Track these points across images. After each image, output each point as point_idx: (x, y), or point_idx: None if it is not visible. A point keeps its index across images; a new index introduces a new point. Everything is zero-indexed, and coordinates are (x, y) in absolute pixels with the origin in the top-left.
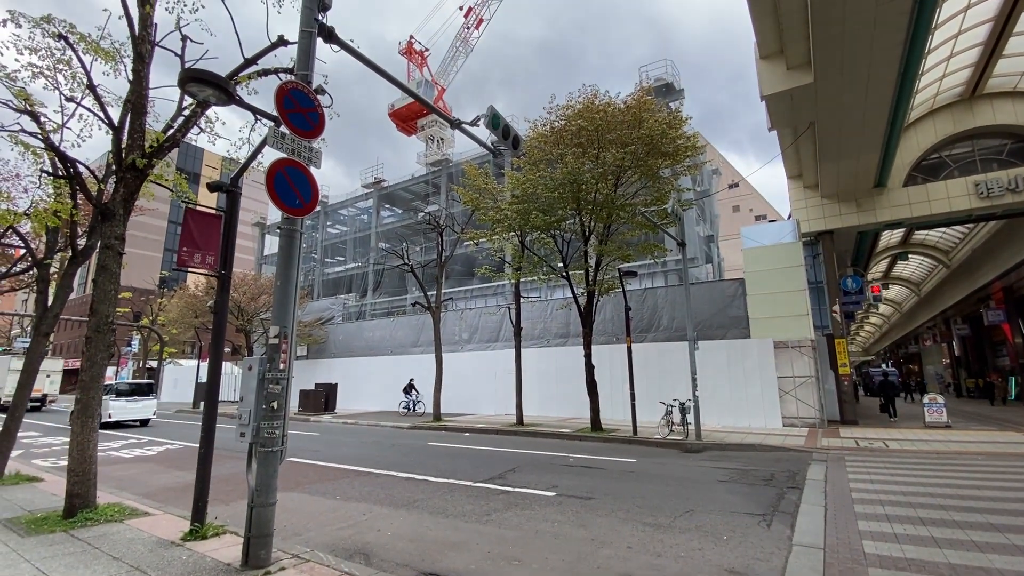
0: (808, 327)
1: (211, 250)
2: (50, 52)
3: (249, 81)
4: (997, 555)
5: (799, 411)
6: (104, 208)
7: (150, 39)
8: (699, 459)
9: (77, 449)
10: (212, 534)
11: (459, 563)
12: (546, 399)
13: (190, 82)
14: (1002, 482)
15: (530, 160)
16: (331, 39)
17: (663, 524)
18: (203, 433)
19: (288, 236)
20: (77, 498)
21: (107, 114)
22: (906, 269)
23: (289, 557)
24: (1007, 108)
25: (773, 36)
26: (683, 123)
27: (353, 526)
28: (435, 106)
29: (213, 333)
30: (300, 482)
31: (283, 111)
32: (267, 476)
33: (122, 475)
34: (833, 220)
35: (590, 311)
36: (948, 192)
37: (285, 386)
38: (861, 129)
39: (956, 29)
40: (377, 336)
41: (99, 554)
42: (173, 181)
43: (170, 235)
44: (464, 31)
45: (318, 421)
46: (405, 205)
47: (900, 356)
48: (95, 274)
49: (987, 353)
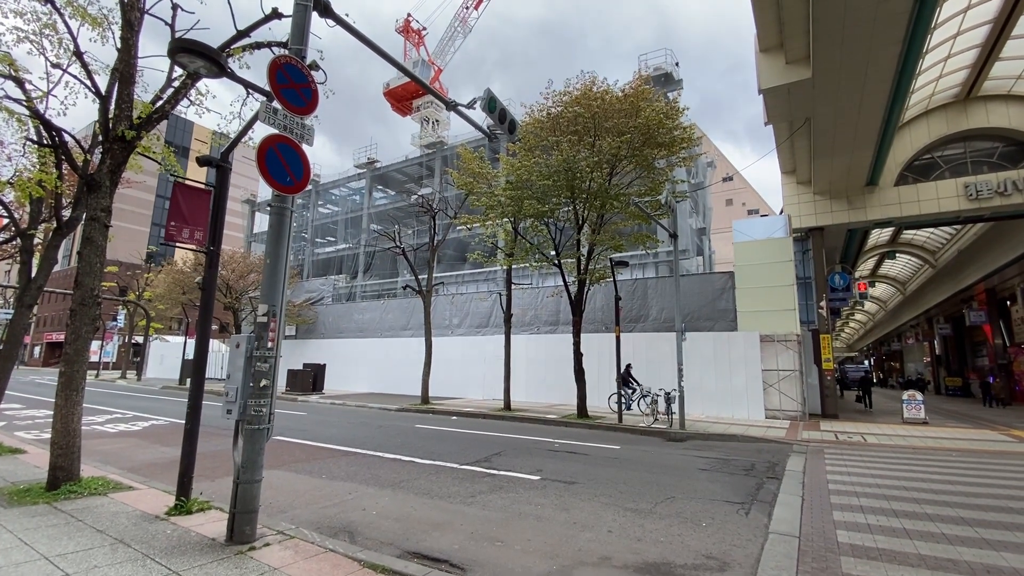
0: (794, 322)
1: (200, 226)
2: (36, 16)
3: (242, 54)
4: (965, 548)
5: (782, 404)
6: (90, 179)
7: (140, 6)
8: (682, 448)
9: (61, 422)
10: (197, 509)
11: (443, 542)
12: (534, 385)
13: (180, 52)
14: (974, 478)
15: (525, 146)
16: (327, 13)
17: (644, 510)
18: (189, 409)
19: (278, 214)
20: (61, 471)
21: (94, 82)
22: (893, 268)
23: (274, 533)
24: (1001, 111)
25: (773, 30)
26: (680, 114)
27: (338, 505)
28: (431, 87)
29: (201, 310)
30: (286, 460)
31: (276, 86)
32: (253, 453)
33: (107, 449)
34: (824, 217)
35: (581, 300)
36: (938, 193)
37: (273, 365)
38: (856, 126)
39: (955, 30)
40: (367, 318)
41: (82, 526)
42: (162, 154)
43: (158, 209)
44: (463, 11)
45: (306, 401)
46: (398, 187)
47: (883, 353)
48: (80, 246)
49: (967, 353)
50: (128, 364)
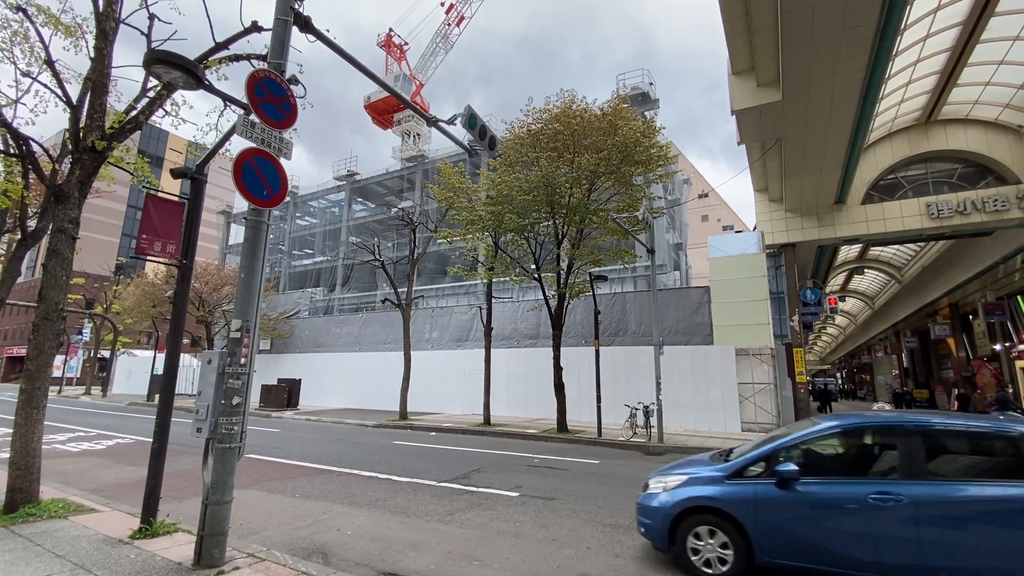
0: (769, 336)
1: (172, 238)
2: (7, 23)
3: (219, 66)
4: None
5: (757, 416)
6: (58, 190)
7: (115, 16)
8: (661, 461)
9: (20, 441)
10: (163, 532)
11: (420, 563)
12: (514, 399)
13: (156, 63)
14: None
15: (506, 161)
16: (307, 28)
17: (623, 525)
18: (157, 427)
19: (254, 228)
20: (19, 492)
21: (65, 92)
22: (862, 283)
23: (244, 556)
24: (959, 134)
25: (745, 53)
26: (657, 132)
27: (312, 525)
28: (412, 102)
29: (172, 324)
30: (258, 479)
31: (254, 100)
32: (224, 473)
33: (68, 469)
34: (795, 233)
35: (560, 314)
36: (902, 212)
37: (246, 382)
38: (824, 147)
39: (916, 56)
40: (345, 332)
41: (41, 551)
42: (134, 164)
43: (129, 220)
44: (445, 27)
45: (280, 417)
46: (378, 200)
47: (854, 366)
48: (45, 258)
49: (933, 365)
50: (93, 379)
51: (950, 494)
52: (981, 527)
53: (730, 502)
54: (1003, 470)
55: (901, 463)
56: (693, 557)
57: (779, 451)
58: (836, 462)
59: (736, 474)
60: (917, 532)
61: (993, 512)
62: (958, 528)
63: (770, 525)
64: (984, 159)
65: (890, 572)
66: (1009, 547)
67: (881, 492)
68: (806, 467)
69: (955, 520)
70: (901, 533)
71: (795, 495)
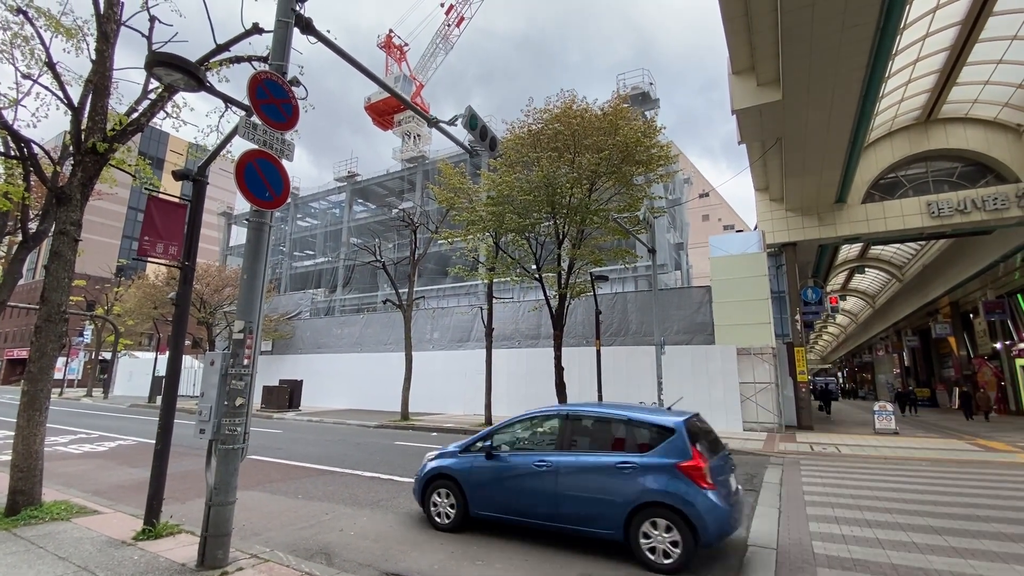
0: (770, 335)
1: (174, 240)
2: (7, 26)
3: (220, 68)
4: (936, 556)
5: (759, 416)
6: (60, 192)
7: (116, 18)
8: None
9: (22, 443)
10: (166, 533)
11: (422, 563)
12: (515, 400)
13: (157, 66)
14: (943, 487)
15: (506, 162)
16: (308, 30)
17: None
18: (160, 428)
19: (256, 229)
20: (21, 495)
21: (66, 94)
22: (863, 282)
23: (247, 557)
24: (959, 133)
25: (745, 53)
26: (657, 132)
27: (315, 525)
28: (413, 103)
29: (174, 326)
30: (261, 480)
31: (256, 101)
32: (227, 474)
33: (71, 471)
34: (796, 232)
35: (561, 314)
36: (902, 210)
37: (249, 383)
38: (824, 147)
39: (915, 56)
40: (346, 333)
41: (44, 554)
42: (136, 166)
43: (130, 221)
44: (445, 28)
45: (282, 418)
46: (379, 200)
47: (855, 365)
48: (48, 260)
49: (934, 364)
50: (95, 381)
51: (577, 461)
52: (592, 483)
53: (456, 470)
54: (613, 443)
55: (556, 439)
56: (432, 511)
57: (493, 432)
58: (524, 440)
59: (466, 449)
60: (556, 488)
61: (599, 472)
62: (579, 484)
63: (479, 487)
64: (984, 158)
65: (544, 519)
66: (605, 495)
67: (541, 460)
68: (508, 444)
69: (578, 478)
70: (548, 489)
71: (495, 464)
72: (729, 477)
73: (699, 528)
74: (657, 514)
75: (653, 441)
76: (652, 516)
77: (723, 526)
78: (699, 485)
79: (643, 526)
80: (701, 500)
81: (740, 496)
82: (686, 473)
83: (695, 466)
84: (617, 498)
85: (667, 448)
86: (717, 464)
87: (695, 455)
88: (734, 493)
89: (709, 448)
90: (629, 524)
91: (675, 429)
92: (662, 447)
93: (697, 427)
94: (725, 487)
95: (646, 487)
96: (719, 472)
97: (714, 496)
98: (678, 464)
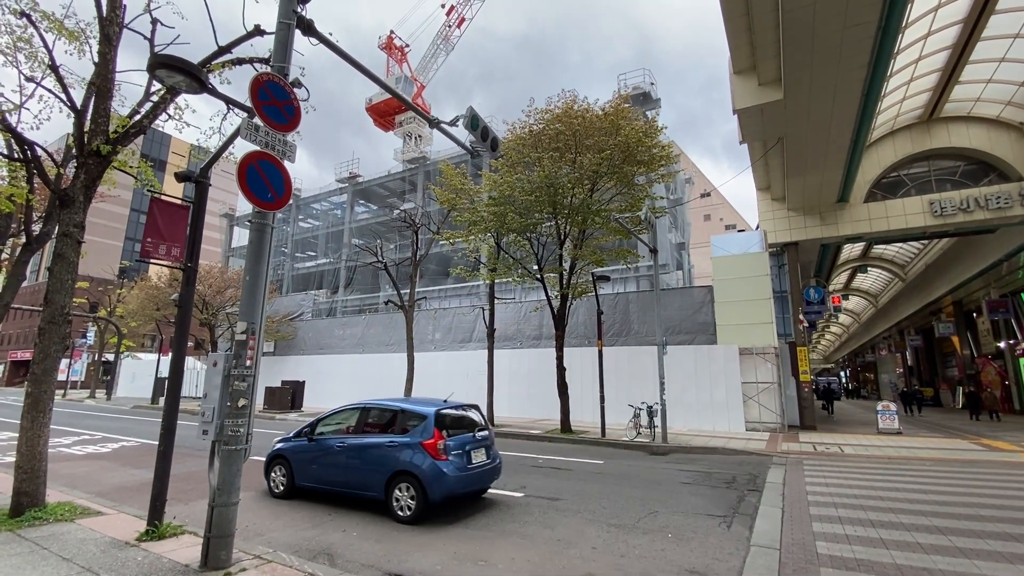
0: (772, 335)
1: (177, 242)
2: (10, 29)
3: (223, 70)
4: (940, 556)
5: (761, 416)
6: (63, 194)
7: (119, 20)
8: (665, 461)
9: (26, 445)
10: (170, 534)
11: (425, 563)
12: (517, 400)
13: (160, 68)
14: (947, 486)
15: (508, 162)
16: (309, 32)
17: (628, 525)
18: (163, 429)
19: (259, 230)
20: (25, 496)
21: (69, 96)
22: (865, 281)
23: (251, 558)
24: (962, 131)
25: (746, 53)
26: (659, 132)
27: (318, 526)
28: (414, 103)
29: (176, 327)
30: (263, 481)
31: (258, 103)
32: (230, 475)
33: (74, 473)
34: (798, 232)
35: (563, 314)
36: (905, 209)
37: (251, 384)
38: (826, 145)
39: (917, 54)
40: (348, 334)
41: (48, 555)
42: (138, 168)
43: (132, 223)
44: (446, 29)
45: (284, 419)
46: (380, 201)
47: (858, 365)
48: (51, 263)
49: (937, 363)
50: (97, 383)
51: (361, 441)
52: (369, 457)
53: (287, 451)
54: (390, 428)
55: (354, 426)
56: (271, 484)
57: (316, 422)
58: (334, 426)
59: (297, 435)
60: (347, 462)
61: (375, 449)
62: (362, 458)
63: (301, 464)
64: (986, 156)
65: (341, 486)
66: (376, 466)
67: (340, 442)
68: (323, 431)
69: (362, 454)
70: (342, 463)
71: (312, 446)
72: (472, 451)
73: (428, 490)
74: (404, 480)
75: (412, 425)
76: (402, 481)
77: (448, 489)
78: (434, 458)
79: (395, 490)
80: (432, 469)
81: (491, 465)
82: (426, 449)
83: (433, 444)
84: (383, 468)
85: (419, 430)
86: (459, 442)
87: (435, 435)
88: (474, 464)
89: (457, 430)
90: (388, 487)
91: (427, 416)
92: (416, 430)
93: (447, 415)
94: (460, 459)
95: (400, 459)
96: (457, 448)
97: (444, 466)
98: (422, 442)
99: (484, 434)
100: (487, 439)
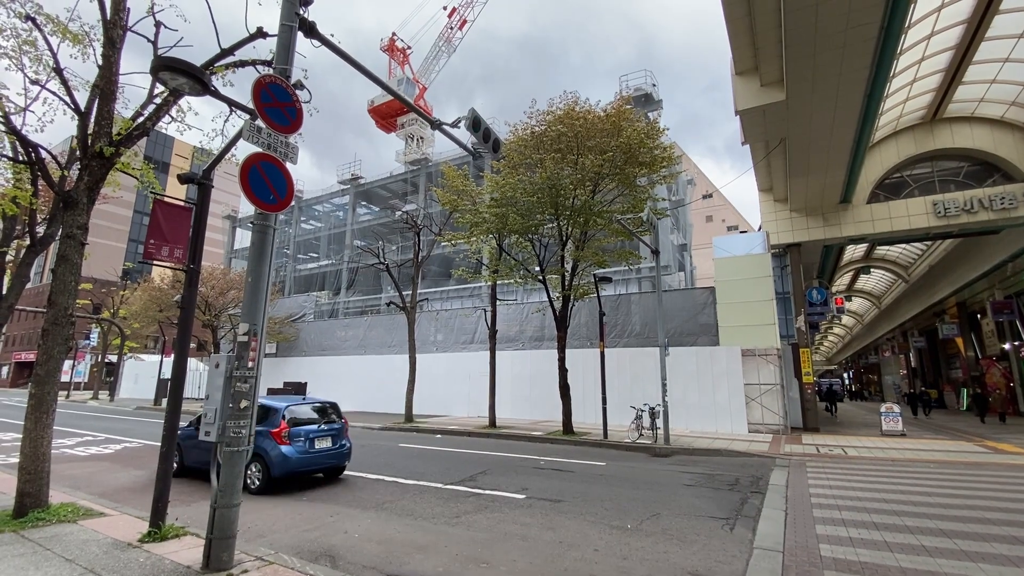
0: (775, 336)
1: (180, 243)
2: (15, 32)
3: (225, 72)
4: (944, 559)
5: (764, 417)
6: (67, 196)
7: (122, 23)
8: (667, 463)
9: (30, 446)
10: (172, 535)
11: (427, 565)
12: (519, 402)
13: (163, 70)
14: (951, 489)
15: (510, 163)
16: (312, 34)
17: (630, 527)
18: (166, 431)
19: (261, 232)
20: (28, 497)
21: (73, 99)
22: (868, 282)
23: (252, 559)
24: (965, 132)
25: (748, 54)
26: (660, 134)
27: (319, 528)
28: (416, 105)
29: (179, 329)
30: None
31: (260, 105)
32: (232, 476)
33: (77, 474)
34: (801, 233)
35: (565, 315)
36: (908, 210)
37: (253, 385)
38: (829, 146)
39: (920, 55)
40: (349, 335)
41: (51, 556)
42: (141, 170)
43: (135, 225)
44: (447, 31)
45: None
46: (382, 203)
47: (861, 366)
48: (55, 264)
49: (941, 365)
50: (100, 384)
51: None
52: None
53: (181, 438)
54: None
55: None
56: None
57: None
58: None
59: (189, 425)
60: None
61: (324, 433)
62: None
63: (188, 449)
64: (990, 157)
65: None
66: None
67: None
68: None
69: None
70: None
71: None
72: (316, 439)
73: (271, 468)
74: (257, 460)
75: (271, 416)
76: (255, 461)
77: (288, 468)
78: (278, 443)
79: (249, 468)
80: (275, 452)
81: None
82: (272, 435)
83: (278, 432)
84: None
85: (272, 421)
86: (304, 431)
87: (281, 425)
88: (316, 449)
89: (308, 421)
90: (247, 467)
91: (279, 410)
92: (270, 420)
93: (298, 410)
94: (303, 444)
95: (257, 443)
96: (302, 435)
97: (285, 449)
98: (270, 430)
99: (334, 426)
100: (334, 430)
